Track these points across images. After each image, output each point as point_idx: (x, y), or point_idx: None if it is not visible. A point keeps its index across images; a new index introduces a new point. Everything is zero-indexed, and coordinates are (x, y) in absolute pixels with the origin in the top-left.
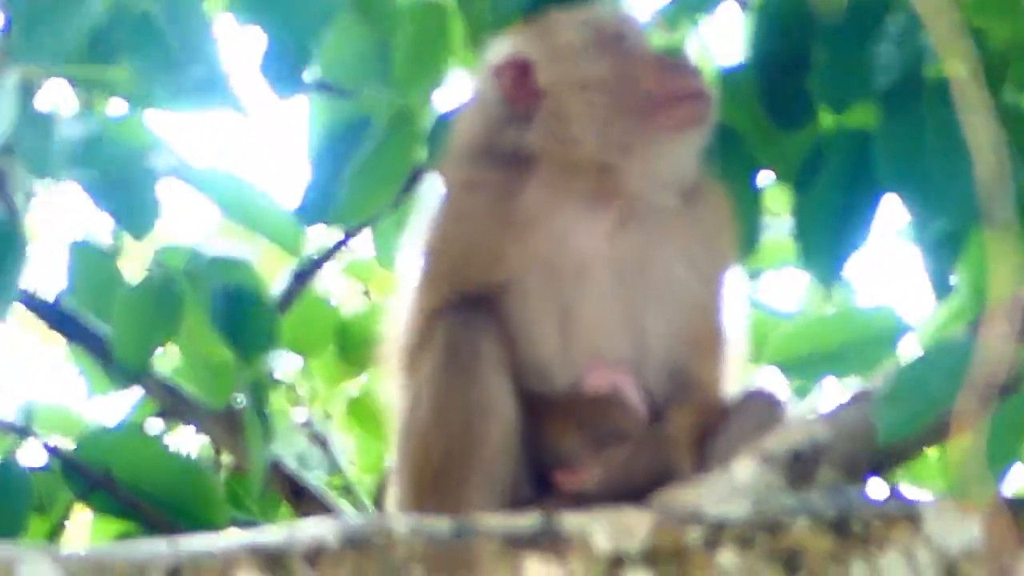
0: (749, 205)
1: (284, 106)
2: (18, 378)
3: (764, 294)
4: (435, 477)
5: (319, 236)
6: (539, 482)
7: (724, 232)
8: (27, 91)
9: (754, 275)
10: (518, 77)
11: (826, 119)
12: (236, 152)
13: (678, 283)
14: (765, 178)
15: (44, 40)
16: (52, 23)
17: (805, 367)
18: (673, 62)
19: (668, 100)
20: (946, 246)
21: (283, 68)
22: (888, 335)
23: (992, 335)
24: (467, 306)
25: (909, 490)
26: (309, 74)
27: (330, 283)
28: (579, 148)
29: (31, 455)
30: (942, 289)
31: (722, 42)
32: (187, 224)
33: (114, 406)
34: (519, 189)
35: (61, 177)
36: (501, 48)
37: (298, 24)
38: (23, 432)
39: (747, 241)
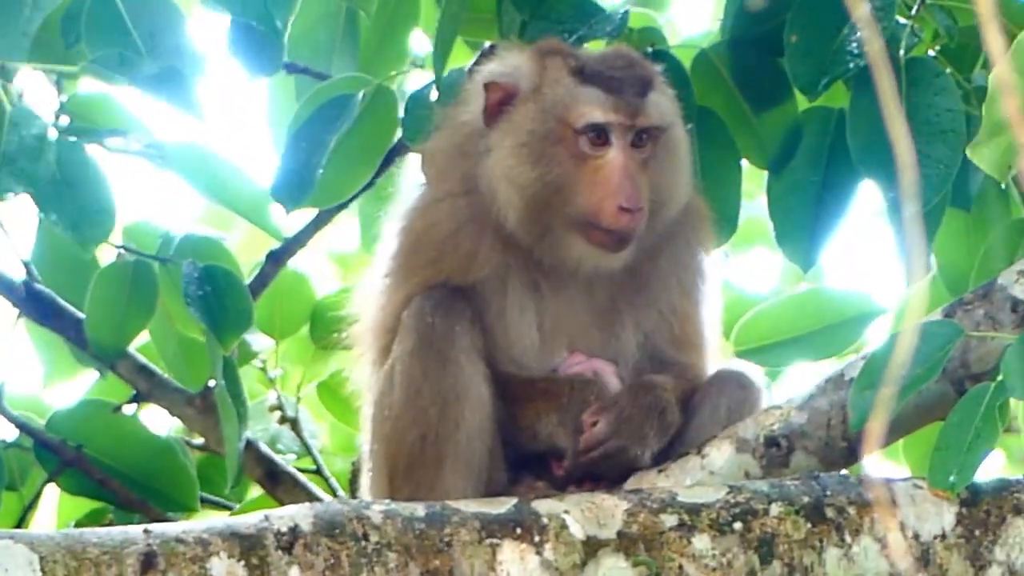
0: (729, 186)
1: (252, 85)
2: None
3: (738, 274)
4: (410, 461)
5: (295, 217)
6: (515, 466)
7: (699, 232)
8: None
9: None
10: (501, 101)
11: (802, 99)
12: (209, 132)
13: (665, 292)
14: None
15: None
16: (8, 14)
17: (775, 352)
18: (622, 191)
19: (595, 225)
20: (918, 228)
21: (252, 49)
22: (860, 318)
23: (966, 319)
24: (441, 290)
25: (883, 476)
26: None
27: (305, 265)
28: (501, 213)
29: (2, 431)
30: (914, 271)
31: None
32: (164, 206)
33: (81, 386)
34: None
35: (9, 195)
36: (506, 59)
37: (262, 3)
38: None
39: (727, 223)
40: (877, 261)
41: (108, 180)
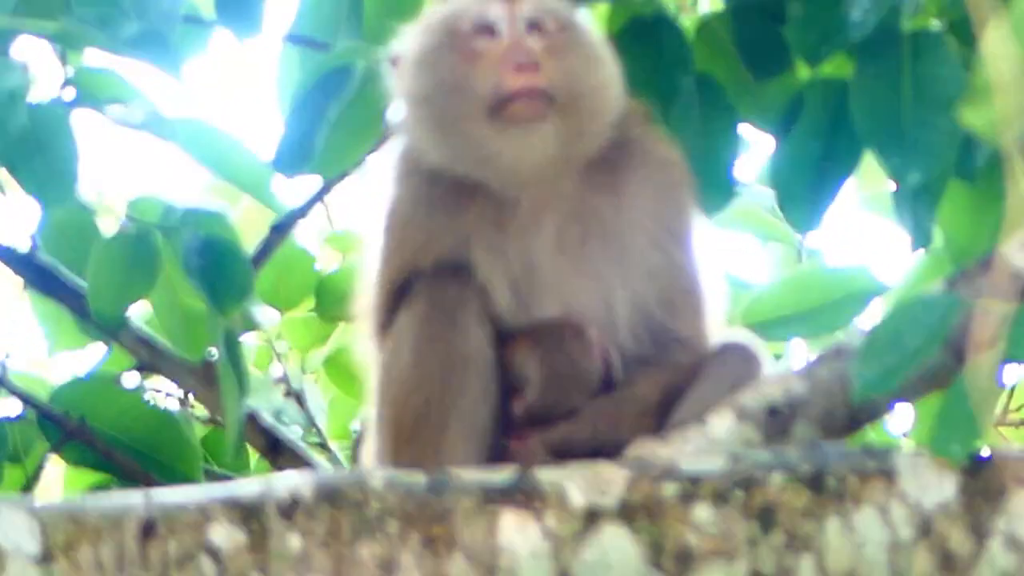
0: (728, 155)
1: (255, 54)
2: None
3: (735, 264)
4: (415, 424)
5: (298, 187)
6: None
7: (678, 188)
8: None
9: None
10: None
11: (805, 68)
12: (209, 101)
13: (637, 245)
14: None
15: None
16: None
17: (779, 328)
18: (515, 58)
19: (500, 97)
20: (922, 198)
21: (238, 11)
22: (862, 294)
23: (969, 290)
24: (446, 264)
25: (885, 446)
26: (282, 25)
27: (309, 239)
28: (428, 158)
29: (5, 406)
30: (919, 241)
31: None
32: (168, 178)
33: (84, 359)
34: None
35: None
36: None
37: None
38: None
39: (724, 191)
40: (875, 241)
41: (77, 146)
